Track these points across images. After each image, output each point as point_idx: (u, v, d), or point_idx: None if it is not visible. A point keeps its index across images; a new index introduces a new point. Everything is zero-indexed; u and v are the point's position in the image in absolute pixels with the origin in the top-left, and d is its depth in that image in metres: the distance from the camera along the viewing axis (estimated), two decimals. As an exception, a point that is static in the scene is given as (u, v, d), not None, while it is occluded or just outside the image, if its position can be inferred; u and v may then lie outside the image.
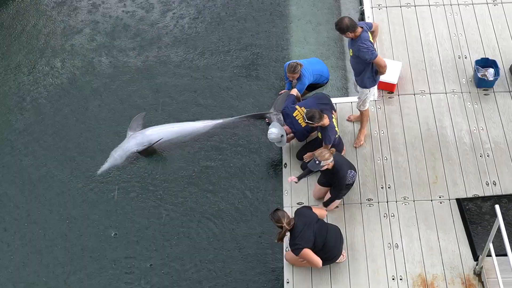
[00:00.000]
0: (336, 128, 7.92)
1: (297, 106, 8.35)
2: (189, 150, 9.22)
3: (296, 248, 7.04)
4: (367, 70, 7.77)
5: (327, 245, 7.20)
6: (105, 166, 9.05)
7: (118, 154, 9.12)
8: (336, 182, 7.57)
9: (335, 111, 8.50)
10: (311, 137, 8.57)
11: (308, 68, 8.98)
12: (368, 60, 7.63)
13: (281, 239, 7.11)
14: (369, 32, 7.65)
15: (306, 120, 7.66)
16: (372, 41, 7.64)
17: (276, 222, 6.95)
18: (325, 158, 7.26)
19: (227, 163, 9.06)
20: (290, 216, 7.05)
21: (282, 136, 8.36)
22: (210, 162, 9.08)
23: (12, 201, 8.89)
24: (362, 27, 7.55)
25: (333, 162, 7.35)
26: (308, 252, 7.05)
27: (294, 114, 8.27)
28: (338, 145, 8.13)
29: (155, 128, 9.31)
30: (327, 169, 7.39)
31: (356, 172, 7.72)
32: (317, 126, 7.79)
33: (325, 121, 7.70)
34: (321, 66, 9.16)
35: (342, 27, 7.48)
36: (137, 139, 9.20)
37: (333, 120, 7.90)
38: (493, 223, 6.70)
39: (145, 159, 9.19)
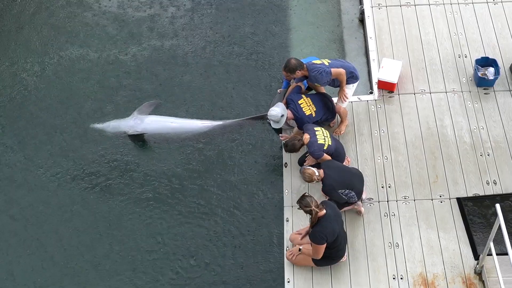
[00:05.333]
0: (327, 138, 7.83)
1: (303, 96, 8.34)
2: (189, 149, 9.23)
3: (320, 237, 6.95)
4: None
5: (338, 246, 7.23)
6: (98, 125, 9.35)
7: (113, 125, 9.35)
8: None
9: (335, 114, 8.55)
10: None
11: (306, 68, 8.98)
12: (329, 80, 8.09)
13: (312, 226, 7.00)
14: (314, 61, 8.10)
15: (287, 151, 7.88)
16: (319, 63, 8.03)
17: (305, 207, 6.90)
18: (305, 178, 7.42)
19: (227, 162, 9.06)
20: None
21: (282, 116, 8.19)
22: (209, 161, 9.09)
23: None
24: (305, 64, 8.00)
25: (320, 178, 7.43)
26: (324, 245, 7.05)
27: (300, 102, 8.24)
28: (334, 154, 7.90)
29: (154, 118, 9.38)
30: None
31: (354, 192, 7.57)
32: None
33: (306, 139, 7.77)
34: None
35: (291, 67, 7.94)
36: (133, 122, 9.32)
37: (318, 132, 7.85)
38: (493, 222, 6.70)
39: (145, 158, 9.21)
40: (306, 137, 7.78)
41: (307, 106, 8.21)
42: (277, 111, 8.21)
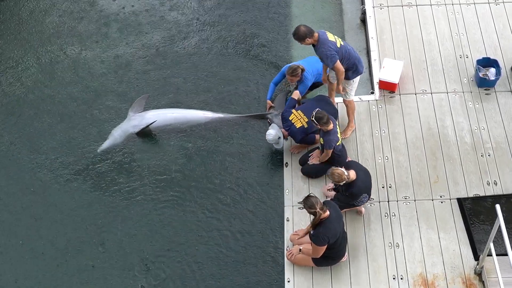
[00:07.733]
0: (339, 135, 7.91)
1: (293, 110, 8.53)
2: (189, 148, 9.23)
3: (322, 238, 6.95)
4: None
5: (338, 246, 7.24)
6: (105, 144, 9.28)
7: (117, 134, 9.34)
8: (345, 193, 7.55)
9: (337, 112, 8.55)
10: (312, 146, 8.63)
11: (308, 69, 8.99)
12: (330, 67, 7.94)
13: (314, 227, 7.00)
14: (327, 33, 7.83)
15: (313, 119, 7.69)
16: (333, 40, 7.78)
17: (309, 208, 6.86)
18: (334, 179, 7.25)
19: (228, 161, 9.07)
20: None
21: (279, 138, 8.57)
22: (210, 160, 9.09)
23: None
24: (318, 32, 7.74)
25: (348, 178, 7.28)
26: (325, 246, 7.06)
27: (290, 118, 8.45)
28: (340, 153, 8.03)
29: (154, 112, 9.43)
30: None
31: (369, 198, 7.71)
32: (319, 130, 7.86)
33: (330, 126, 7.73)
34: (319, 64, 9.16)
35: (300, 34, 7.73)
36: (135, 121, 9.36)
37: (337, 127, 7.93)
38: (493, 223, 6.71)
39: (144, 156, 9.22)
40: (331, 125, 7.76)
41: (297, 119, 8.39)
42: (273, 134, 8.53)
